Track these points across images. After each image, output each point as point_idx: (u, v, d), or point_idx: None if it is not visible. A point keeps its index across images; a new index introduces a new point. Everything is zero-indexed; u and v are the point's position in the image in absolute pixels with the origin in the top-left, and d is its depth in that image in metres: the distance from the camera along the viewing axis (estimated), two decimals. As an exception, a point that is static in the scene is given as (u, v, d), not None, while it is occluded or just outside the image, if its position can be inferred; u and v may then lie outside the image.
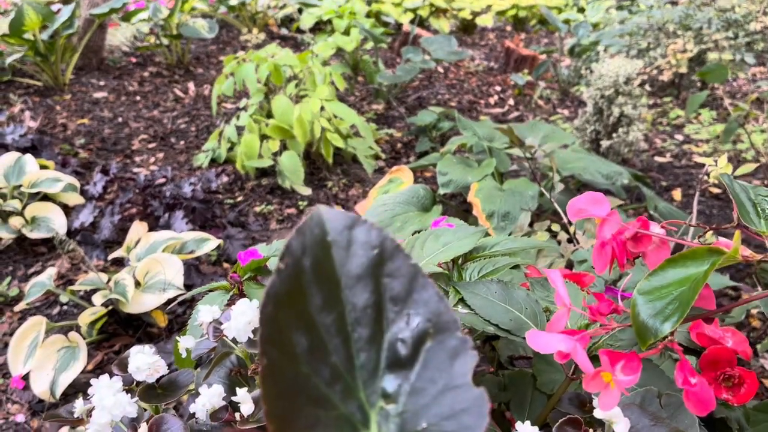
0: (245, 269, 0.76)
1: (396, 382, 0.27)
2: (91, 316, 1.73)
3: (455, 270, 0.76)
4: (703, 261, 0.50)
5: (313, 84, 2.72)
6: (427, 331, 0.28)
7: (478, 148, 2.24)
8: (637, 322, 0.50)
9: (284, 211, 2.46)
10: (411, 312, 0.28)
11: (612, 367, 0.48)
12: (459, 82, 3.98)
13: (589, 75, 2.88)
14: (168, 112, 3.33)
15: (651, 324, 0.49)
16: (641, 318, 0.50)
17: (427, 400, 0.27)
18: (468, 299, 0.69)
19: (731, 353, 0.69)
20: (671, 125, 3.57)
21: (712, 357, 0.68)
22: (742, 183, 0.59)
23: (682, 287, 0.50)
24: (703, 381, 0.52)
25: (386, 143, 3.05)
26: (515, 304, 0.70)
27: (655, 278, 0.52)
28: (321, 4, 4.50)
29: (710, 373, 0.69)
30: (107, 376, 0.68)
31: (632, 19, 4.68)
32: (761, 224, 0.53)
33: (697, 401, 0.51)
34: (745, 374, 0.69)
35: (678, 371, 0.51)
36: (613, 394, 0.48)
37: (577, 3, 6.89)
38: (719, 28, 4.07)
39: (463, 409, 0.26)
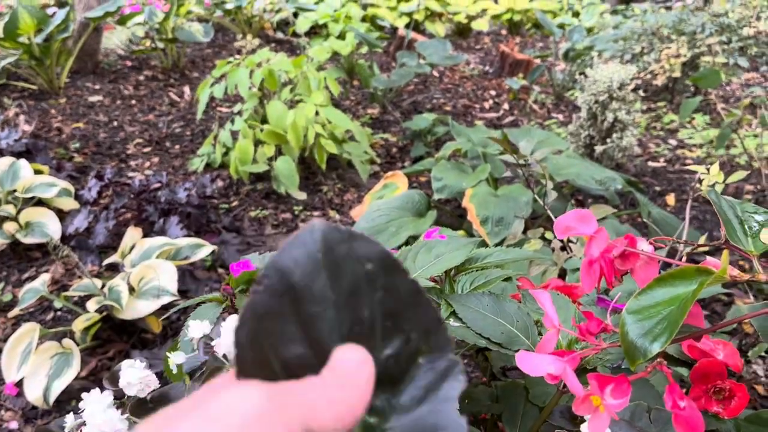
0: (237, 281, 0.76)
1: (384, 398, 0.27)
2: (85, 322, 1.73)
3: (447, 282, 0.76)
4: (691, 281, 0.50)
5: (307, 89, 2.72)
6: (419, 349, 0.28)
7: (473, 154, 2.24)
8: (626, 342, 0.50)
9: (279, 216, 2.46)
10: (405, 329, 0.28)
11: (601, 391, 0.48)
12: (454, 86, 3.98)
13: (583, 80, 2.88)
14: (163, 116, 3.33)
15: (640, 344, 0.49)
16: (630, 338, 0.50)
17: (413, 419, 0.27)
18: (459, 312, 0.69)
19: (722, 366, 0.69)
20: (665, 130, 3.58)
21: (703, 370, 0.68)
22: (729, 199, 0.59)
23: (671, 307, 0.50)
24: (692, 404, 0.52)
25: (381, 148, 3.05)
26: (507, 317, 0.70)
27: (644, 297, 0.52)
28: (317, 8, 4.50)
29: (701, 386, 0.69)
30: (98, 391, 0.68)
31: (626, 23, 4.70)
32: (749, 243, 0.53)
33: (687, 425, 0.51)
34: (736, 387, 0.69)
35: (667, 394, 0.51)
36: (603, 417, 0.48)
37: (572, 7, 6.90)
38: (712, 33, 4.08)
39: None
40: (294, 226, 2.39)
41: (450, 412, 0.27)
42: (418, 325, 0.28)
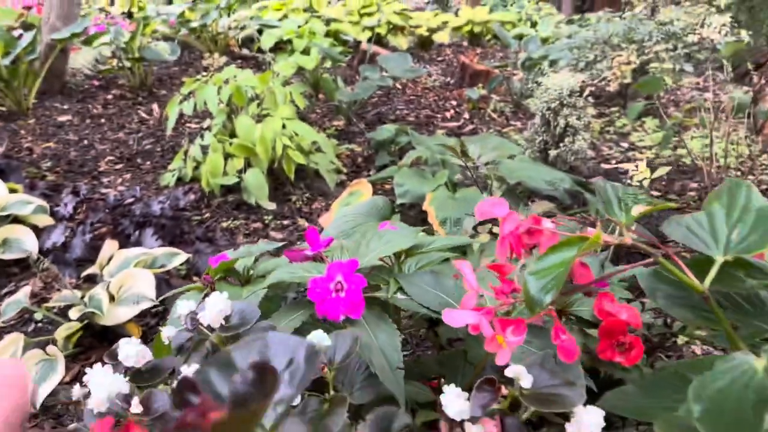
0: (216, 271, 0.89)
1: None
2: (66, 330, 1.83)
3: (396, 264, 0.90)
4: (573, 246, 0.65)
5: (274, 104, 2.85)
6: None
7: (433, 161, 2.40)
8: (527, 296, 0.65)
9: (250, 226, 2.58)
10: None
11: (503, 331, 0.63)
12: (417, 97, 4.16)
13: (537, 88, 3.07)
14: (133, 133, 3.43)
15: (537, 297, 0.64)
16: (531, 293, 0.65)
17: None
18: (406, 288, 0.84)
19: (624, 324, 0.85)
20: (618, 133, 3.79)
21: (608, 328, 0.84)
22: (615, 185, 0.75)
23: (560, 268, 0.65)
24: (571, 337, 0.67)
25: (347, 158, 3.20)
26: (445, 290, 0.85)
27: (541, 262, 0.67)
28: (281, 24, 4.64)
29: (607, 341, 0.85)
30: (100, 365, 0.80)
31: (580, 33, 4.92)
32: (621, 215, 0.69)
33: (567, 351, 0.66)
34: (635, 341, 0.85)
35: (553, 332, 0.66)
36: (506, 351, 0.62)
37: (531, 18, 7.17)
38: (659, 41, 4.33)
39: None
40: (265, 235, 2.52)
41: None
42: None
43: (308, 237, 0.89)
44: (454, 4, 8.50)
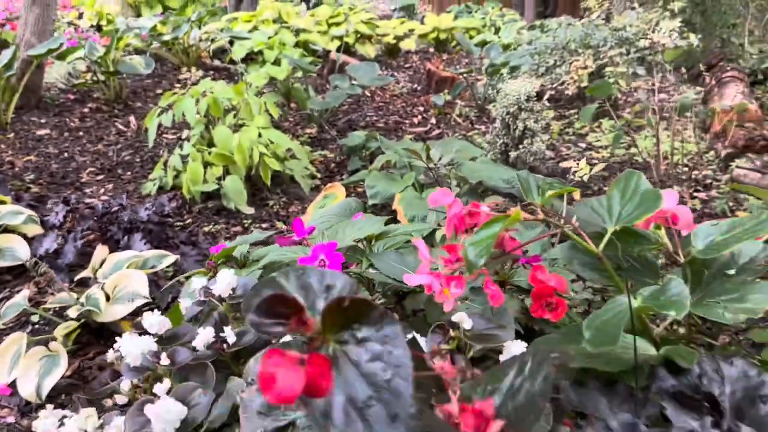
0: (218, 257, 1.09)
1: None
2: (65, 329, 1.99)
3: (368, 246, 1.11)
4: (500, 222, 0.87)
5: (249, 114, 3.05)
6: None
7: (401, 164, 2.62)
8: (467, 261, 0.87)
9: (231, 230, 2.76)
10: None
11: (448, 285, 0.84)
12: (385, 104, 4.38)
13: (496, 94, 3.32)
14: (112, 145, 3.58)
15: (473, 260, 0.86)
16: (469, 258, 0.87)
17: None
18: (375, 263, 1.05)
19: (552, 289, 1.07)
20: (576, 134, 4.06)
21: (539, 292, 1.06)
22: (537, 177, 0.97)
23: (490, 240, 0.87)
24: (498, 288, 0.89)
25: (321, 164, 3.40)
26: (407, 265, 1.06)
27: (477, 235, 0.89)
28: (252, 36, 4.83)
29: (538, 302, 1.07)
30: (128, 334, 1.00)
31: (541, 39, 5.18)
32: (537, 199, 0.91)
33: (495, 298, 0.88)
34: (559, 301, 1.07)
35: (485, 285, 0.88)
36: (451, 301, 0.84)
37: (495, 23, 7.46)
38: (613, 46, 4.62)
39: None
40: (245, 238, 2.70)
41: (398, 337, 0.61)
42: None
43: (294, 226, 1.09)
44: (419, 11, 8.76)
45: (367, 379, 0.49)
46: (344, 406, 0.48)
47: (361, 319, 0.51)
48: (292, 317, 0.50)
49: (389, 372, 0.48)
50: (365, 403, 0.48)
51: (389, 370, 0.48)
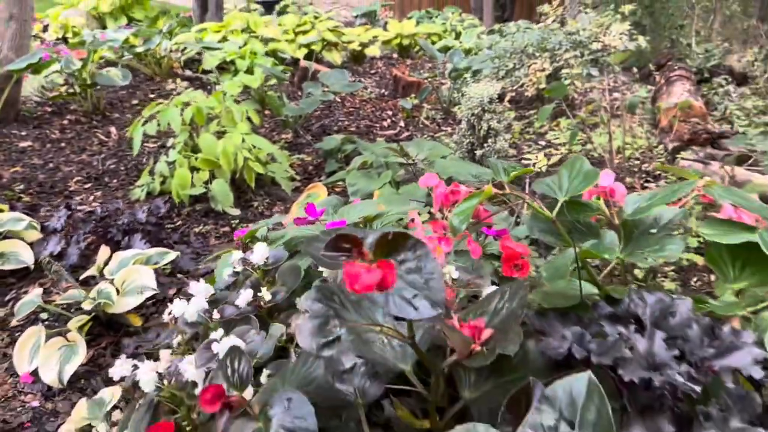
0: (245, 237, 1.34)
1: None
2: (78, 321, 2.20)
3: (368, 224, 1.38)
4: (477, 197, 1.14)
5: (231, 121, 3.28)
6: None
7: (377, 164, 2.89)
8: (451, 226, 1.14)
9: (220, 230, 2.99)
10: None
11: (440, 243, 1.11)
12: (356, 109, 4.65)
13: (461, 97, 3.61)
14: (96, 155, 3.77)
15: (457, 226, 1.13)
16: (453, 224, 1.14)
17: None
18: (376, 237, 1.31)
19: (518, 254, 1.34)
20: (536, 133, 4.38)
21: (508, 256, 1.33)
22: (503, 162, 1.25)
23: (469, 210, 1.14)
24: (477, 245, 1.16)
25: (299, 166, 3.65)
26: (401, 238, 1.32)
27: (459, 208, 1.16)
28: (222, 46, 5.05)
29: (507, 263, 1.34)
30: (177, 301, 1.24)
31: (500, 43, 5.51)
32: (504, 177, 1.19)
33: (474, 251, 1.15)
34: (524, 263, 1.35)
35: (467, 243, 1.15)
36: (442, 255, 1.10)
37: (455, 28, 7.80)
38: (568, 49, 4.96)
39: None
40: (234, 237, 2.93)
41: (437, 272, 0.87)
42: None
43: (308, 210, 1.35)
44: (381, 17, 9.06)
45: (410, 285, 0.75)
46: (398, 300, 0.74)
47: (400, 247, 0.77)
48: (353, 250, 0.76)
49: (424, 277, 0.75)
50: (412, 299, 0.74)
51: (425, 276, 0.75)
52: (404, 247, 0.82)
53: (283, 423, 0.80)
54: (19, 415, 2.00)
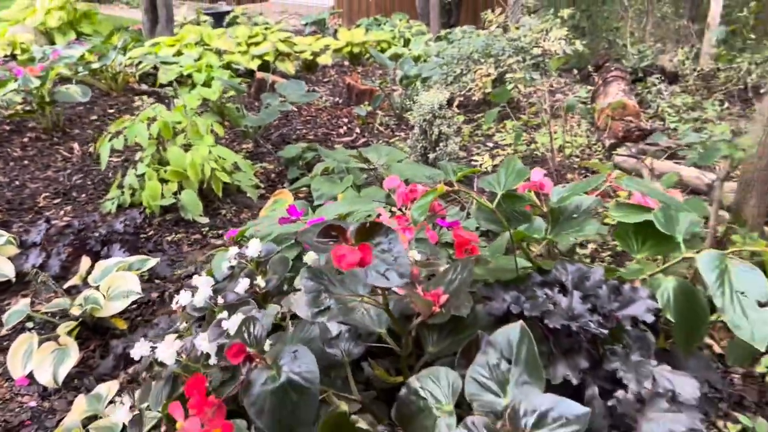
0: (237, 236, 1.59)
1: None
2: (66, 327, 2.40)
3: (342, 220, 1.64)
4: (432, 194, 1.42)
5: (197, 133, 3.50)
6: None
7: (339, 169, 3.15)
8: (412, 218, 1.41)
9: (191, 238, 3.20)
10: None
11: (404, 233, 1.38)
12: (312, 117, 4.90)
13: (413, 104, 3.90)
14: (61, 171, 3.92)
15: (416, 218, 1.41)
16: (413, 216, 1.41)
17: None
18: (349, 232, 1.58)
19: (468, 240, 1.63)
20: (484, 135, 4.71)
21: (459, 243, 1.62)
22: (452, 164, 1.53)
23: (426, 205, 1.42)
24: (434, 232, 1.44)
25: (262, 175, 3.88)
26: (370, 231, 1.60)
27: (418, 204, 1.43)
28: (179, 60, 5.23)
29: (459, 248, 1.63)
30: (183, 293, 1.48)
31: (447, 50, 5.83)
32: (453, 177, 1.47)
33: (432, 238, 1.43)
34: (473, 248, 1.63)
35: (426, 231, 1.43)
36: (406, 242, 1.38)
37: (404, 35, 8.12)
38: (511, 54, 5.32)
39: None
40: (205, 244, 3.15)
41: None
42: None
43: (290, 211, 1.60)
44: (330, 25, 9.33)
45: (384, 262, 1.02)
46: (374, 274, 1.01)
47: (375, 233, 1.05)
48: (339, 236, 1.03)
49: (394, 255, 1.02)
50: (385, 272, 1.02)
51: (394, 255, 1.02)
52: (378, 234, 1.10)
53: (292, 369, 1.06)
54: (18, 415, 2.19)
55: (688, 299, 1.28)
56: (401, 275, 1.05)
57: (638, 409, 1.12)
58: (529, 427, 0.96)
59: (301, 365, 1.05)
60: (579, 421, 0.94)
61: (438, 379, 1.15)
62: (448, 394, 1.12)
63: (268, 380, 1.07)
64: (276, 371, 1.06)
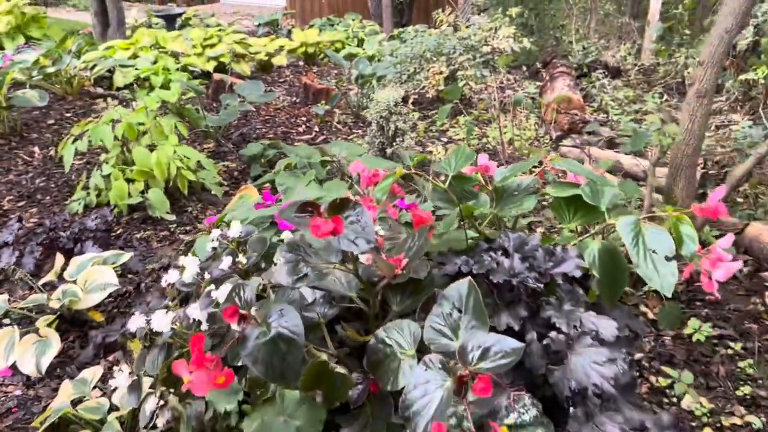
0: (218, 221, 1.79)
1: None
2: (45, 320, 2.54)
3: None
4: (392, 177, 1.65)
5: (161, 134, 3.65)
6: None
7: (301, 164, 3.36)
8: (375, 198, 1.64)
9: (159, 234, 3.36)
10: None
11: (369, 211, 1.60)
12: (271, 117, 5.09)
13: (369, 102, 4.13)
14: (23, 174, 4.02)
15: (379, 197, 1.63)
16: (376, 196, 1.64)
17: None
18: (318, 214, 1.80)
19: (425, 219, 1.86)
20: (438, 131, 4.97)
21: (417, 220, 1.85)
22: (409, 151, 1.76)
23: (387, 187, 1.64)
24: (395, 210, 1.67)
25: (225, 173, 4.05)
26: (337, 213, 1.82)
27: (380, 185, 1.66)
28: (135, 63, 5.35)
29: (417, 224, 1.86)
30: (171, 271, 1.67)
31: (400, 49, 6.07)
32: (411, 164, 1.70)
33: (393, 215, 1.66)
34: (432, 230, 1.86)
35: (387, 209, 1.66)
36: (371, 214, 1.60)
37: (357, 35, 8.35)
38: (462, 52, 5.59)
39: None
40: (174, 240, 3.32)
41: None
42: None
43: (265, 196, 1.80)
44: (283, 26, 9.49)
45: (353, 231, 1.24)
46: (345, 241, 1.23)
47: (345, 207, 1.27)
48: (314, 211, 1.24)
49: (361, 226, 1.24)
50: (354, 239, 1.24)
51: (362, 225, 1.24)
52: (348, 208, 1.32)
53: (280, 324, 1.26)
54: (5, 402, 2.33)
55: (611, 258, 1.53)
56: (368, 241, 1.27)
57: (568, 347, 1.37)
58: (476, 359, 1.19)
59: (288, 320, 1.26)
60: (515, 353, 1.18)
61: (401, 329, 1.37)
62: (410, 342, 1.35)
63: (260, 335, 1.27)
64: (266, 327, 1.27)
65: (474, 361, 1.19)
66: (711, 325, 2.52)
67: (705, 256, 1.47)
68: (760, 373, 2.31)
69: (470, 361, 1.19)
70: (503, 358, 1.18)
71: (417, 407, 1.20)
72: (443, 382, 1.20)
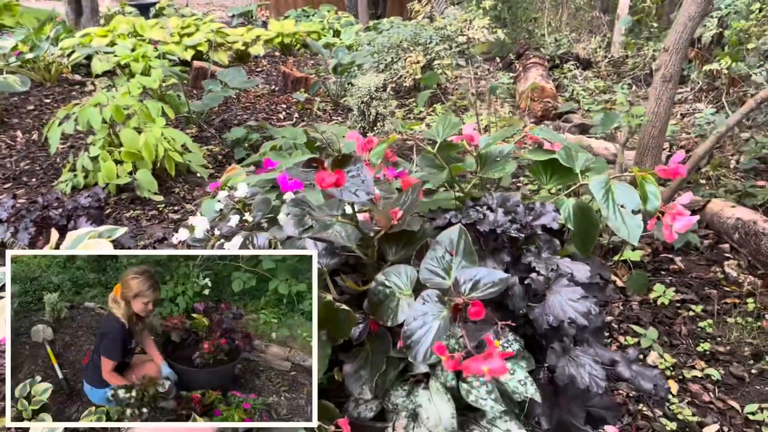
0: (222, 185, 1.95)
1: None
2: (45, 292, 2.67)
3: (308, 172, 2.03)
4: (386, 142, 1.82)
5: (148, 117, 3.78)
6: None
7: (287, 146, 3.52)
8: (371, 161, 1.81)
9: (148, 214, 3.50)
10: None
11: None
12: (251, 104, 5.23)
13: (351, 88, 4.30)
14: (6, 158, 4.11)
15: (374, 161, 1.81)
16: (373, 160, 1.81)
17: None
18: (316, 178, 1.97)
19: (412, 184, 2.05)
20: (416, 118, 5.16)
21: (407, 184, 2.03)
22: (398, 121, 1.94)
23: (381, 152, 1.82)
24: (389, 172, 1.85)
25: (209, 157, 4.19)
26: (334, 178, 1.99)
27: (375, 150, 1.84)
28: (113, 50, 5.45)
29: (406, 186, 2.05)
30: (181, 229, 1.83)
31: (377, 39, 6.25)
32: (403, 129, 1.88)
33: (387, 176, 1.84)
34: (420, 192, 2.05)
35: (383, 171, 1.84)
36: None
37: (333, 26, 8.50)
38: (438, 42, 5.79)
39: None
40: (163, 219, 3.45)
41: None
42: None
43: (266, 162, 1.96)
44: (257, 17, 9.60)
45: (354, 184, 1.42)
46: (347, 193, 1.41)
47: (347, 162, 1.45)
48: (319, 166, 1.42)
49: (362, 180, 1.42)
50: (355, 191, 1.41)
51: (362, 178, 1.42)
52: (349, 163, 1.50)
53: (292, 264, 1.44)
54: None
55: (583, 213, 1.73)
56: (368, 193, 1.45)
57: (547, 287, 1.56)
58: (468, 290, 1.38)
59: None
60: (501, 282, 1.37)
61: (399, 273, 1.55)
62: (408, 283, 1.54)
63: (273, 276, 1.45)
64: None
65: (466, 292, 1.37)
66: (674, 291, 2.75)
67: (667, 211, 1.68)
68: (718, 331, 2.55)
69: (463, 292, 1.38)
70: (492, 287, 1.37)
71: (417, 336, 1.39)
72: (440, 313, 1.39)
